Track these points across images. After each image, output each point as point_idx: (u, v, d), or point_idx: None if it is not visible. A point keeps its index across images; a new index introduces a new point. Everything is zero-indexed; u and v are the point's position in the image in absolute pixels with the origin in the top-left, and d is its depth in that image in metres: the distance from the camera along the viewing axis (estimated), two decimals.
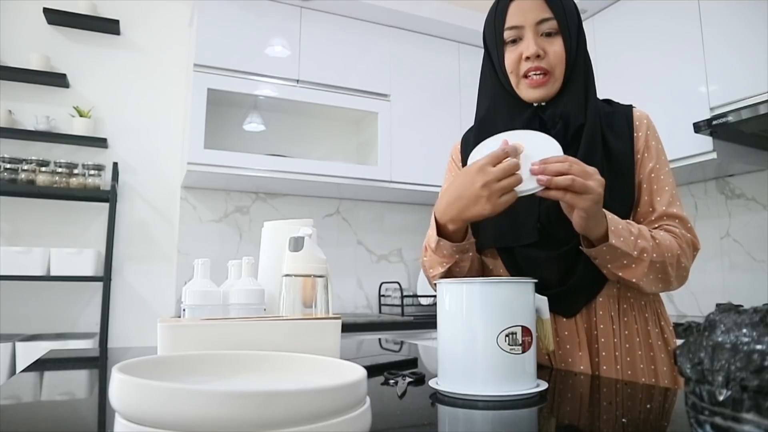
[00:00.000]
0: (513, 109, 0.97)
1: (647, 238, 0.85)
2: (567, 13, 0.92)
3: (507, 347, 0.65)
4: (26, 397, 0.71)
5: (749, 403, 0.34)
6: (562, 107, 0.93)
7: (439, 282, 0.72)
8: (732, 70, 2.00)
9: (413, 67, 2.87)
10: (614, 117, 0.98)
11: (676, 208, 0.93)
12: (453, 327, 0.69)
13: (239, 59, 2.48)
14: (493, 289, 0.67)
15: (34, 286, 2.39)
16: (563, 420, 0.61)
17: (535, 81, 0.92)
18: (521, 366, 0.66)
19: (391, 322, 2.35)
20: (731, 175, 2.34)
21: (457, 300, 0.69)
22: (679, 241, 0.90)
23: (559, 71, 0.92)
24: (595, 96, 0.97)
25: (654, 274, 0.86)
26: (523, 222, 0.93)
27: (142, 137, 2.68)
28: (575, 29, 0.93)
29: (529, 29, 0.91)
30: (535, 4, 0.91)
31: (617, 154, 0.94)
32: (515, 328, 0.66)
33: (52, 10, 2.48)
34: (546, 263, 0.91)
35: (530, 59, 0.91)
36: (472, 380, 0.66)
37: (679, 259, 0.89)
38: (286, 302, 0.79)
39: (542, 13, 0.91)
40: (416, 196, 2.95)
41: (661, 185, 0.94)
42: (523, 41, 0.92)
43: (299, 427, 0.35)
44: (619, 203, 0.91)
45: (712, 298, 2.36)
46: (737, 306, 0.39)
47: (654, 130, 0.98)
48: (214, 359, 0.53)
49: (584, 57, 0.96)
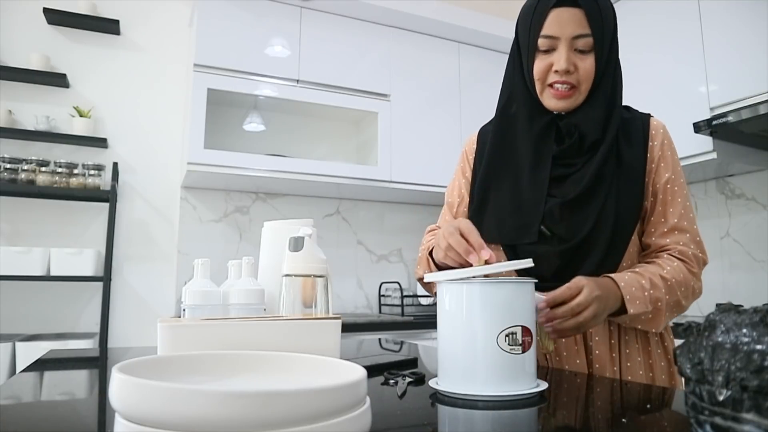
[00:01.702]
0: (533, 113, 0.97)
1: (659, 286, 0.86)
2: (604, 29, 0.91)
3: (507, 347, 0.65)
4: (26, 397, 0.70)
5: (749, 403, 0.34)
6: (579, 119, 0.93)
7: (439, 282, 0.72)
8: (732, 70, 2.00)
9: (413, 67, 2.87)
10: (630, 124, 0.98)
11: (687, 221, 0.94)
12: (452, 327, 0.69)
13: (239, 59, 2.48)
14: (493, 289, 0.67)
15: (34, 286, 2.38)
16: (564, 420, 0.61)
17: (561, 93, 0.91)
18: (521, 366, 0.66)
19: (391, 322, 2.35)
20: (731, 175, 2.34)
21: (457, 300, 0.69)
22: (689, 266, 0.91)
23: (585, 87, 0.92)
24: (620, 107, 0.97)
25: (670, 313, 0.89)
26: (527, 223, 0.94)
27: (142, 137, 2.68)
28: (609, 42, 0.92)
29: (564, 42, 0.89)
30: (574, 17, 0.88)
31: (629, 163, 0.94)
32: (515, 328, 0.66)
33: (52, 10, 2.48)
34: (545, 258, 0.92)
35: (559, 73, 0.90)
36: (472, 380, 0.66)
37: (692, 287, 0.91)
38: (286, 302, 0.79)
39: (580, 28, 0.88)
40: (416, 196, 2.95)
41: (675, 197, 0.95)
42: (556, 52, 0.90)
43: (299, 427, 0.35)
44: (626, 208, 0.92)
45: (712, 298, 2.36)
46: (737, 306, 0.39)
47: (670, 141, 0.98)
48: (214, 359, 0.53)
49: (614, 69, 0.95)
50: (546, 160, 0.94)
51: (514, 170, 0.98)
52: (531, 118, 0.97)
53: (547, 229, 0.92)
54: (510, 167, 0.98)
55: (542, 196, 0.93)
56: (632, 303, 0.83)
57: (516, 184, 0.97)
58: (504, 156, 1.00)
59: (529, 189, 0.95)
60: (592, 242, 0.90)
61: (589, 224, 0.90)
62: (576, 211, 0.91)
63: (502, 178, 0.99)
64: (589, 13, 0.88)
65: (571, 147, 0.93)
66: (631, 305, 0.83)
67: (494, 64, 3.06)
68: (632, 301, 0.83)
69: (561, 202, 0.91)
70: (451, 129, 2.88)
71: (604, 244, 0.90)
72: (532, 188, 0.94)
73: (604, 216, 0.91)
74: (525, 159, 0.96)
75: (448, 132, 2.86)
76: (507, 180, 0.98)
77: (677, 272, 0.89)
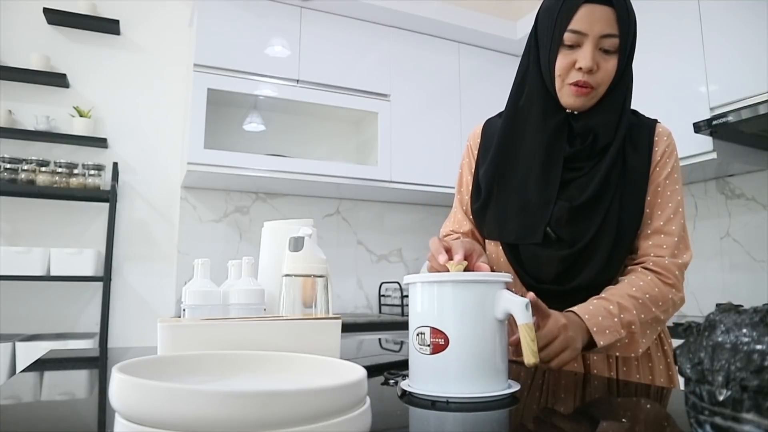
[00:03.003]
0: (547, 110, 0.94)
1: (628, 308, 0.83)
2: (630, 32, 0.89)
3: (418, 346, 0.66)
4: (26, 397, 0.70)
5: (749, 403, 0.34)
6: (593, 121, 0.91)
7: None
8: (732, 70, 2.00)
9: (413, 67, 2.87)
10: (637, 130, 0.96)
11: (676, 226, 0.92)
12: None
13: (239, 59, 2.48)
14: (414, 289, 0.68)
15: (34, 286, 2.39)
16: (564, 420, 0.61)
17: (580, 90, 0.89)
18: (433, 367, 0.64)
19: (391, 322, 2.35)
20: (731, 175, 2.34)
21: (411, 298, 0.71)
22: (664, 278, 0.89)
23: (603, 89, 0.90)
24: (629, 111, 0.96)
25: (651, 332, 0.87)
26: (532, 223, 0.92)
27: (142, 137, 2.68)
28: (631, 46, 0.91)
29: (591, 40, 0.87)
30: (605, 15, 0.86)
31: (634, 169, 0.93)
32: (423, 329, 0.65)
33: (52, 10, 2.48)
34: (547, 261, 0.91)
35: (582, 71, 0.88)
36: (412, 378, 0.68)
37: (670, 299, 0.88)
38: (286, 302, 0.79)
39: (609, 28, 0.86)
40: (416, 196, 2.95)
41: (665, 201, 0.93)
42: (582, 50, 0.88)
43: (299, 427, 0.35)
44: (629, 215, 0.91)
45: (712, 298, 2.36)
46: (737, 306, 0.39)
47: (673, 148, 0.96)
48: (214, 359, 0.53)
49: (629, 73, 0.94)
50: (558, 161, 0.92)
51: (522, 167, 0.95)
52: (545, 115, 0.93)
53: (552, 232, 0.91)
54: (518, 164, 0.96)
55: (552, 198, 0.91)
56: (600, 334, 0.80)
57: (523, 182, 0.94)
58: (512, 152, 0.97)
59: (538, 189, 0.92)
60: (594, 248, 0.89)
61: (593, 230, 0.89)
62: (582, 217, 0.90)
63: (509, 175, 0.96)
64: (620, 13, 0.86)
65: (582, 149, 0.92)
66: (600, 337, 0.80)
67: (494, 64, 3.06)
68: (600, 332, 0.80)
69: (569, 206, 0.90)
70: (451, 129, 2.88)
71: (606, 251, 0.89)
72: (541, 189, 0.92)
73: (608, 222, 0.89)
74: (535, 157, 0.93)
75: (448, 132, 2.86)
76: (514, 177, 0.95)
77: (650, 287, 0.86)
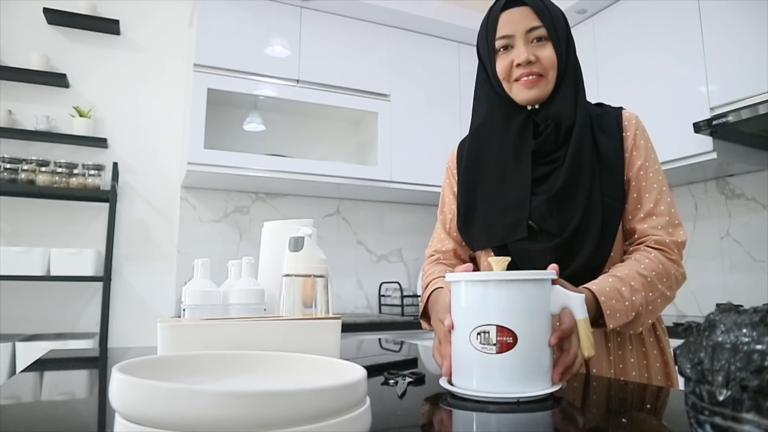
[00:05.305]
0: (508, 114, 0.99)
1: (639, 290, 0.85)
2: (555, 21, 0.95)
3: (479, 346, 0.64)
4: (26, 397, 0.70)
5: (749, 403, 0.34)
6: (554, 109, 0.95)
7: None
8: (732, 70, 2.00)
9: (413, 67, 2.87)
10: (604, 118, 1.00)
11: (665, 206, 0.94)
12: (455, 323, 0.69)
13: (239, 59, 2.48)
14: (469, 287, 0.67)
15: (34, 286, 2.38)
16: (562, 420, 0.61)
17: (528, 82, 0.94)
18: (498, 366, 0.63)
19: (391, 322, 2.35)
20: (731, 175, 2.34)
21: (454, 297, 0.69)
22: (668, 254, 0.91)
23: (551, 74, 0.95)
24: (585, 98, 1.00)
25: (652, 307, 0.88)
26: (515, 221, 0.94)
27: (142, 137, 2.68)
28: (564, 35, 0.96)
29: (520, 38, 0.94)
30: (524, 14, 0.94)
31: (607, 152, 0.96)
32: (488, 327, 0.64)
33: (52, 10, 2.48)
34: (539, 255, 0.92)
35: (522, 66, 0.94)
36: (458, 377, 0.67)
37: (673, 275, 0.90)
38: (286, 302, 0.79)
39: (531, 22, 0.94)
40: (416, 196, 2.95)
41: (650, 183, 0.95)
42: (515, 49, 0.95)
43: (299, 427, 0.35)
44: (611, 198, 0.93)
45: (712, 298, 2.36)
46: (737, 306, 0.39)
47: (643, 130, 0.99)
48: (214, 359, 0.53)
49: (574, 62, 0.99)
50: (526, 157, 0.96)
51: (495, 173, 0.99)
52: (507, 118, 0.99)
53: (536, 225, 0.93)
54: (491, 171, 1.00)
55: (527, 192, 0.94)
56: (612, 317, 0.82)
57: (499, 186, 0.98)
58: (484, 161, 1.01)
59: (513, 188, 0.96)
60: (584, 234, 0.91)
61: (578, 217, 0.90)
62: (563, 205, 0.92)
63: (485, 184, 1.00)
64: (537, 8, 0.94)
65: (547, 138, 0.94)
66: (611, 320, 0.82)
67: None
68: (612, 315, 0.82)
69: (546, 198, 0.92)
70: (451, 129, 2.88)
71: (595, 236, 0.90)
72: (515, 186, 0.96)
73: (592, 208, 0.91)
74: (506, 159, 0.98)
75: (448, 132, 2.86)
76: (490, 184, 0.99)
77: (656, 264, 0.89)
